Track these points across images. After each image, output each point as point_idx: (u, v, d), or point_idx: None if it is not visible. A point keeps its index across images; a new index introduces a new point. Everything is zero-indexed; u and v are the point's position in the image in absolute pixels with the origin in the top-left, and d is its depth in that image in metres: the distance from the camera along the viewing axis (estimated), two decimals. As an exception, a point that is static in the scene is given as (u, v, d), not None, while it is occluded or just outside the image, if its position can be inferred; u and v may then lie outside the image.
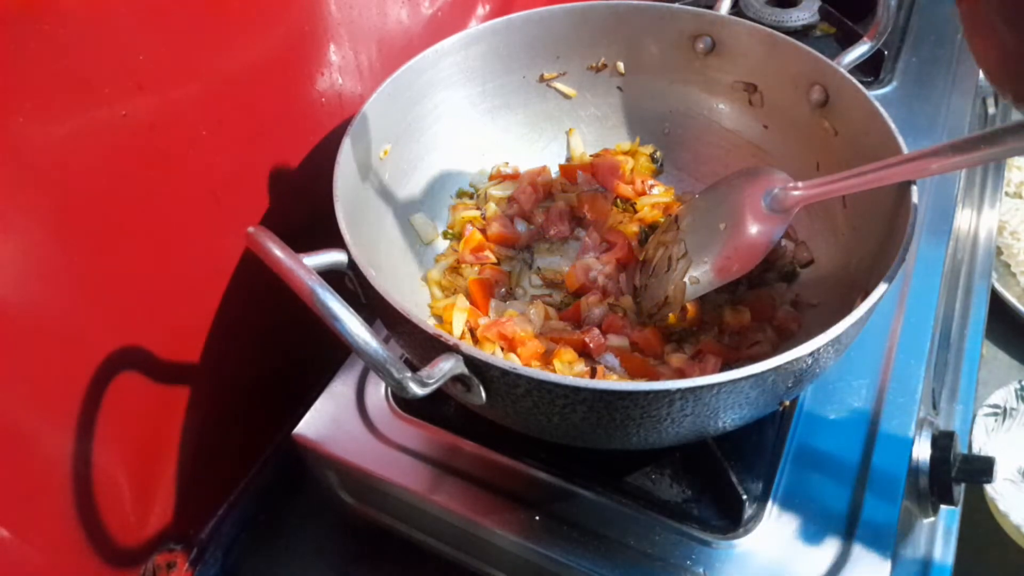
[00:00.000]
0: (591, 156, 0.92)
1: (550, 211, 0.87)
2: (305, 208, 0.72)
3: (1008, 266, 1.37)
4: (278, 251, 0.51)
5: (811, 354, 0.52)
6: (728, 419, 0.55)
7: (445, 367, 0.51)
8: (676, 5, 0.86)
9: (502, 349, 0.73)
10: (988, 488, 1.08)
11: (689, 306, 0.76)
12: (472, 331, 0.75)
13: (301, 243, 0.55)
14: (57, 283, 0.56)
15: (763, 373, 0.50)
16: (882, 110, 0.68)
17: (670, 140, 0.92)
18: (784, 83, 0.81)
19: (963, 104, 1.04)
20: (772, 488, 0.65)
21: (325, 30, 0.74)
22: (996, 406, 1.18)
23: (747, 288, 0.79)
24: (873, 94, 0.71)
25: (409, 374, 0.48)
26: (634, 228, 0.85)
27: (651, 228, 0.85)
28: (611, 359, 0.72)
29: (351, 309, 0.48)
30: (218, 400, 0.76)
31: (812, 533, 0.63)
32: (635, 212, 0.87)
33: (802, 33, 1.12)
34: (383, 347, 0.48)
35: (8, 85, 0.48)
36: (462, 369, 0.52)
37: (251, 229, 0.53)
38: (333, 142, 0.67)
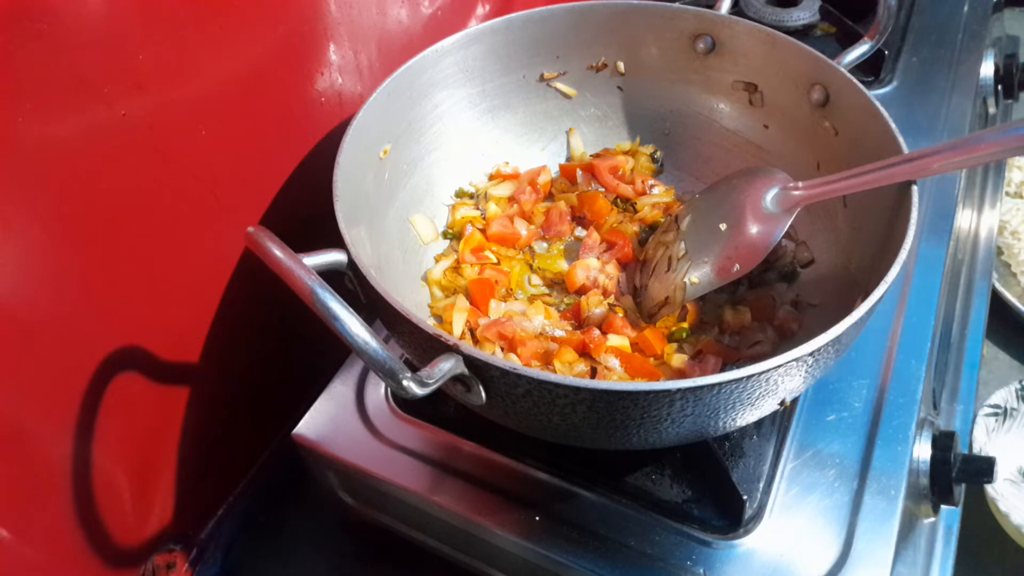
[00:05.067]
0: (591, 156, 0.92)
1: (550, 211, 0.87)
2: (305, 208, 0.72)
3: (1009, 266, 1.37)
4: (278, 251, 0.51)
5: (811, 354, 0.52)
6: (728, 419, 0.55)
7: (445, 367, 0.50)
8: (676, 5, 0.86)
9: (502, 349, 0.73)
10: (988, 488, 1.08)
11: (689, 306, 0.76)
12: (472, 331, 0.75)
13: (301, 243, 0.54)
14: (57, 283, 0.56)
15: (763, 373, 0.50)
16: (882, 110, 0.68)
17: (670, 140, 0.92)
18: (784, 83, 0.80)
19: (963, 104, 1.04)
20: (772, 488, 0.65)
21: (325, 30, 0.74)
22: (997, 406, 1.18)
23: (747, 288, 0.79)
24: (873, 94, 0.71)
25: (409, 374, 0.48)
26: (634, 228, 0.85)
27: (651, 228, 0.85)
28: (611, 359, 0.72)
29: (351, 309, 0.48)
30: (218, 400, 0.76)
31: (812, 533, 0.63)
32: (635, 212, 0.87)
33: (802, 33, 1.12)
34: (383, 347, 0.48)
35: (8, 85, 0.48)
36: (462, 369, 0.52)
37: (251, 229, 0.53)
38: (333, 142, 0.67)
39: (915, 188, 0.62)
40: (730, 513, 0.64)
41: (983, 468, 0.71)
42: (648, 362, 0.72)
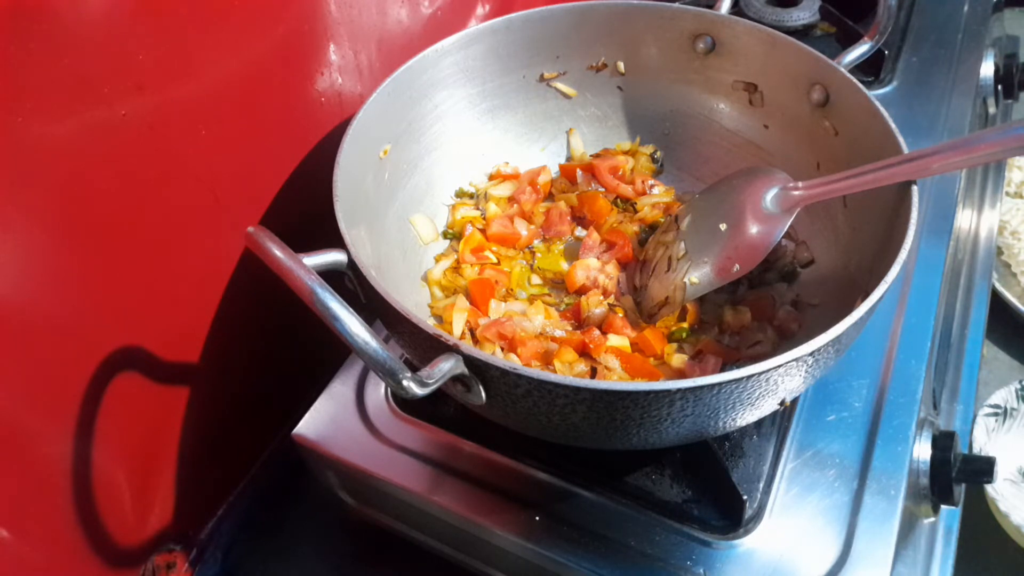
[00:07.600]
0: (591, 156, 0.92)
1: (550, 211, 0.87)
2: (305, 208, 0.72)
3: (1008, 266, 1.37)
4: (278, 251, 0.51)
5: (811, 354, 0.52)
6: (728, 419, 0.55)
7: (445, 367, 0.50)
8: (676, 5, 0.86)
9: (502, 349, 0.73)
10: (988, 488, 1.08)
11: (689, 306, 0.76)
12: (472, 331, 0.75)
13: (301, 243, 0.54)
14: (57, 283, 0.56)
15: (763, 373, 0.50)
16: (882, 110, 0.68)
17: (670, 140, 0.92)
18: (784, 83, 0.80)
19: (963, 104, 1.04)
20: (772, 488, 0.65)
21: (325, 30, 0.74)
22: (996, 406, 1.18)
23: (747, 288, 0.79)
24: (873, 94, 0.71)
25: (409, 374, 0.48)
26: (634, 228, 0.85)
27: (651, 228, 0.85)
28: (611, 359, 0.72)
29: (351, 309, 0.48)
30: (218, 400, 0.76)
31: (812, 533, 0.63)
32: (635, 212, 0.87)
33: (802, 33, 1.12)
34: (383, 347, 0.48)
35: (8, 85, 0.48)
36: (462, 369, 0.52)
37: (251, 229, 0.53)
38: (333, 142, 0.67)
39: (915, 188, 0.62)
40: (730, 513, 0.64)
41: (983, 468, 0.71)
42: (648, 362, 0.72)
